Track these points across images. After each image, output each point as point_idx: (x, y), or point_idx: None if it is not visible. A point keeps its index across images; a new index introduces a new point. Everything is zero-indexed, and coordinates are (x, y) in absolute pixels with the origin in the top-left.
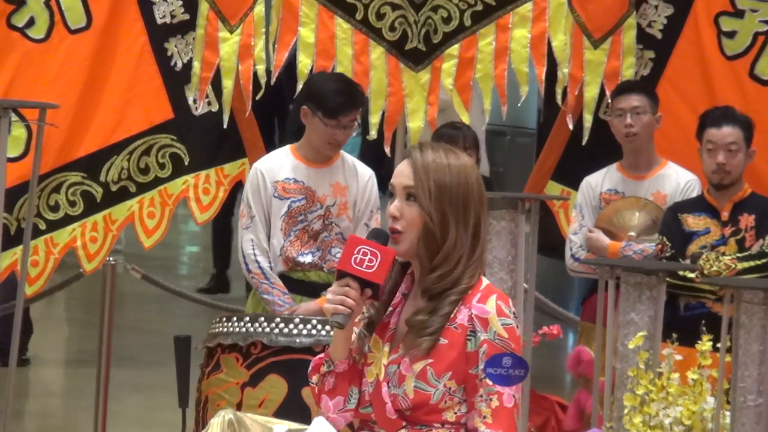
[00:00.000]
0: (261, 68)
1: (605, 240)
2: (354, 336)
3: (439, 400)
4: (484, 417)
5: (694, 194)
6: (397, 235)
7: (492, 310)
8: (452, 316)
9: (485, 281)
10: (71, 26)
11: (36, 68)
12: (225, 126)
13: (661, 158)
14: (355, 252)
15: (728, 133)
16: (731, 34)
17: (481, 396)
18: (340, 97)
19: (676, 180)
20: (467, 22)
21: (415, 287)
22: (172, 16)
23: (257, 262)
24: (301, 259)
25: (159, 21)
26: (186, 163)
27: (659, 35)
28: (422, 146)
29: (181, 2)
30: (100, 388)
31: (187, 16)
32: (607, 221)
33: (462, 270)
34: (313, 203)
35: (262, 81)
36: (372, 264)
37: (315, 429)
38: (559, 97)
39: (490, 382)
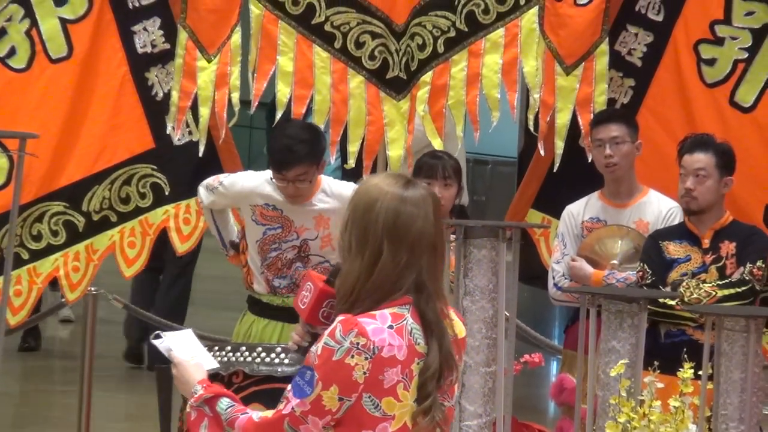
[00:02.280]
0: (235, 96)
1: (588, 269)
2: None
3: None
4: (267, 412)
5: (676, 221)
6: None
7: (330, 328)
8: None
9: (386, 311)
10: (52, 56)
11: (17, 98)
12: (201, 155)
13: (643, 186)
14: (303, 289)
15: (698, 159)
16: (711, 62)
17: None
18: (279, 153)
19: (658, 207)
20: (440, 49)
21: None
22: (153, 46)
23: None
24: (276, 282)
25: (140, 51)
26: (167, 193)
27: (639, 63)
28: (376, 174)
29: (162, 32)
30: (81, 418)
31: (167, 46)
32: (590, 250)
33: (353, 301)
34: (289, 233)
35: (236, 109)
36: (306, 300)
37: (181, 339)
38: (530, 123)
39: (288, 387)
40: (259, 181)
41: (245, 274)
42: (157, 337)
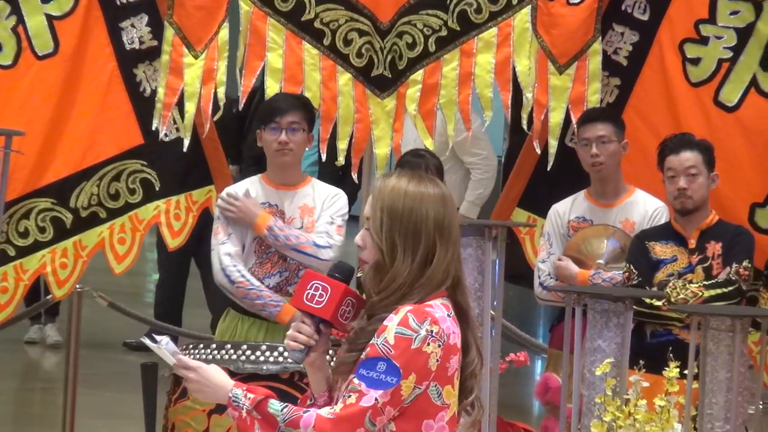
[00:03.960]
0: (221, 90)
1: (574, 268)
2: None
3: None
4: (333, 408)
5: (662, 221)
6: (363, 265)
7: (396, 318)
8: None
9: (436, 302)
10: (39, 52)
11: (3, 95)
12: (185, 150)
13: (629, 186)
14: (308, 288)
15: (687, 158)
16: (696, 61)
17: (344, 393)
18: (274, 102)
19: (644, 207)
20: (431, 48)
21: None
22: (141, 42)
23: (239, 271)
24: (266, 281)
25: (128, 47)
26: (157, 189)
27: (625, 62)
28: (390, 174)
29: (149, 28)
30: (66, 415)
31: (155, 43)
32: (576, 249)
33: (401, 296)
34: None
35: (221, 103)
36: (321, 299)
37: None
38: (524, 123)
39: (357, 381)
40: (245, 184)
41: None
42: (153, 339)
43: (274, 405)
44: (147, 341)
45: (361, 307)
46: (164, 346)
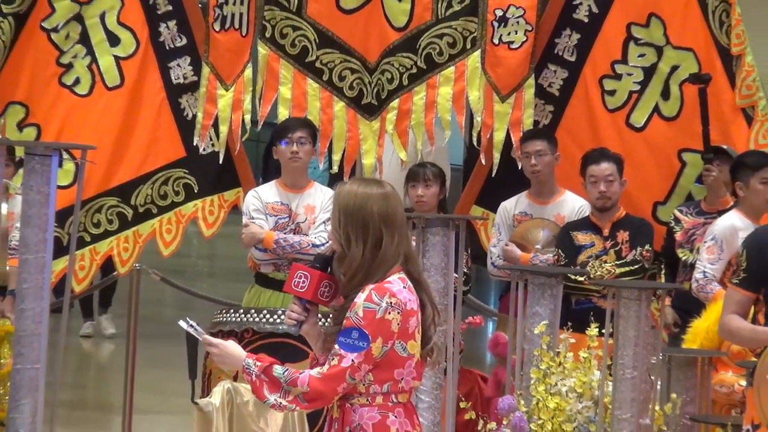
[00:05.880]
0: (248, 117)
1: (518, 251)
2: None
3: None
4: (321, 369)
5: (585, 215)
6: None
7: (362, 296)
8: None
9: (394, 277)
10: (108, 85)
11: (80, 117)
12: (221, 162)
13: (560, 188)
14: (295, 276)
15: (606, 167)
16: (612, 92)
17: (329, 357)
18: (286, 122)
19: (572, 205)
20: (405, 82)
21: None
22: (185, 78)
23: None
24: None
25: (174, 81)
26: (196, 191)
27: (557, 93)
28: (345, 182)
29: (191, 67)
30: (128, 363)
31: (195, 78)
32: (520, 237)
33: (363, 276)
34: (293, 221)
35: (248, 127)
36: (304, 285)
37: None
38: (475, 140)
39: (337, 347)
40: (264, 187)
41: (254, 263)
42: (188, 323)
43: (278, 369)
44: (184, 324)
45: (338, 287)
46: (196, 328)
